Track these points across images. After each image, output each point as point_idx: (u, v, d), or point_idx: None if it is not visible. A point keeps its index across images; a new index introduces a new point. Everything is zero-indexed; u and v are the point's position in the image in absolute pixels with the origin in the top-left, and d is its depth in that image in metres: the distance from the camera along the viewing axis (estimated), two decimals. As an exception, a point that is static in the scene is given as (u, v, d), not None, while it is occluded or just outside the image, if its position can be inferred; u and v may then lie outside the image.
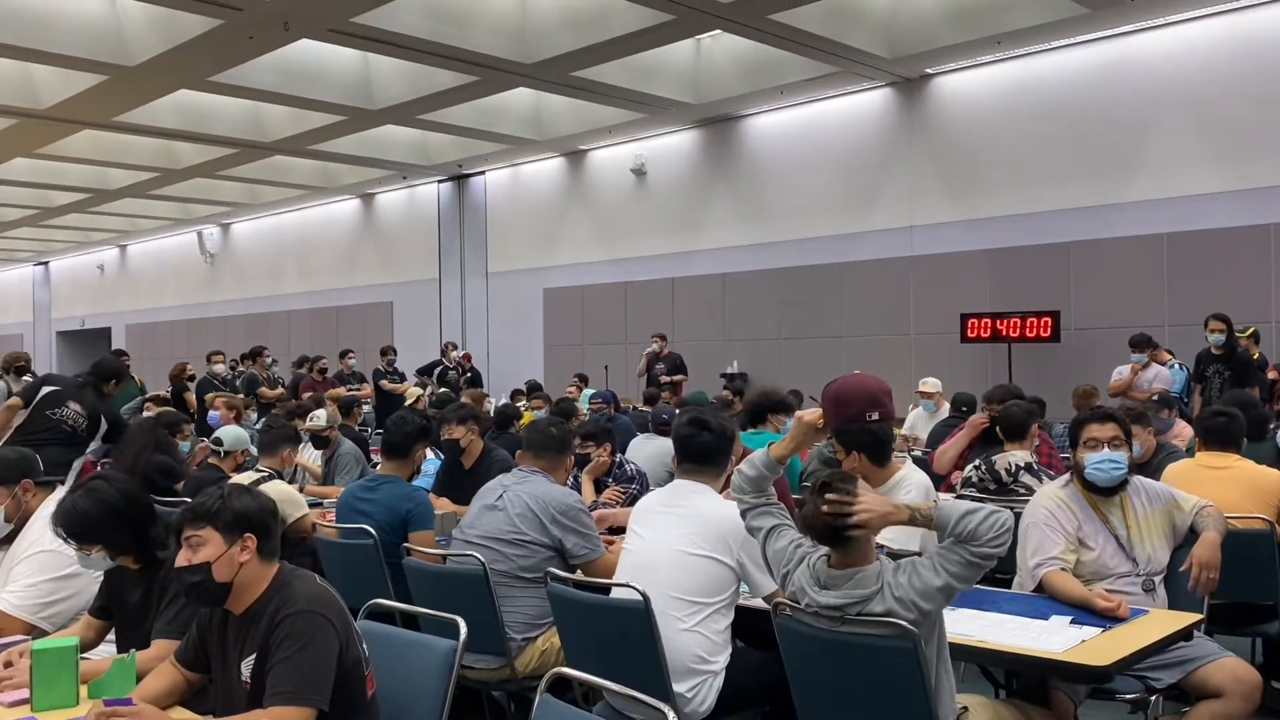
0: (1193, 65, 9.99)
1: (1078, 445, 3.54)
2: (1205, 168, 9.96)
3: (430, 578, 3.91)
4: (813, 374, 12.04)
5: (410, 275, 18.15)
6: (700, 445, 3.39)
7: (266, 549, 2.52)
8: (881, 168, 12.25)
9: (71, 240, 24.39)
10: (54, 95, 11.83)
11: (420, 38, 9.97)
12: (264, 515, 2.54)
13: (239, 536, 2.47)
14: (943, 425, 7.59)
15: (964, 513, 2.55)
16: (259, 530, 2.50)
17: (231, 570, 2.47)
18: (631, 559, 3.30)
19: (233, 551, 2.47)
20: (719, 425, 3.43)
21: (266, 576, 2.51)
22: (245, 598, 2.49)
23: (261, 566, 2.51)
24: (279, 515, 2.64)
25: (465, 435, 5.53)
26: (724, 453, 3.43)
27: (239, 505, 2.51)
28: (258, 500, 2.56)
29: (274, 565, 2.54)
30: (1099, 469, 3.46)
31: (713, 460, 3.40)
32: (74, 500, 2.93)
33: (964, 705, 2.77)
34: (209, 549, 2.47)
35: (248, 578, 2.49)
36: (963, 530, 2.53)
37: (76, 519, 2.89)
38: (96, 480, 3.03)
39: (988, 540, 2.51)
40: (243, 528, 2.48)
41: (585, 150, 15.37)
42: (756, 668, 3.21)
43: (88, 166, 15.90)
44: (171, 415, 7.45)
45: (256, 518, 2.51)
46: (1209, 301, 9.16)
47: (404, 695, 2.61)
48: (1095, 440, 3.49)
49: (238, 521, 2.49)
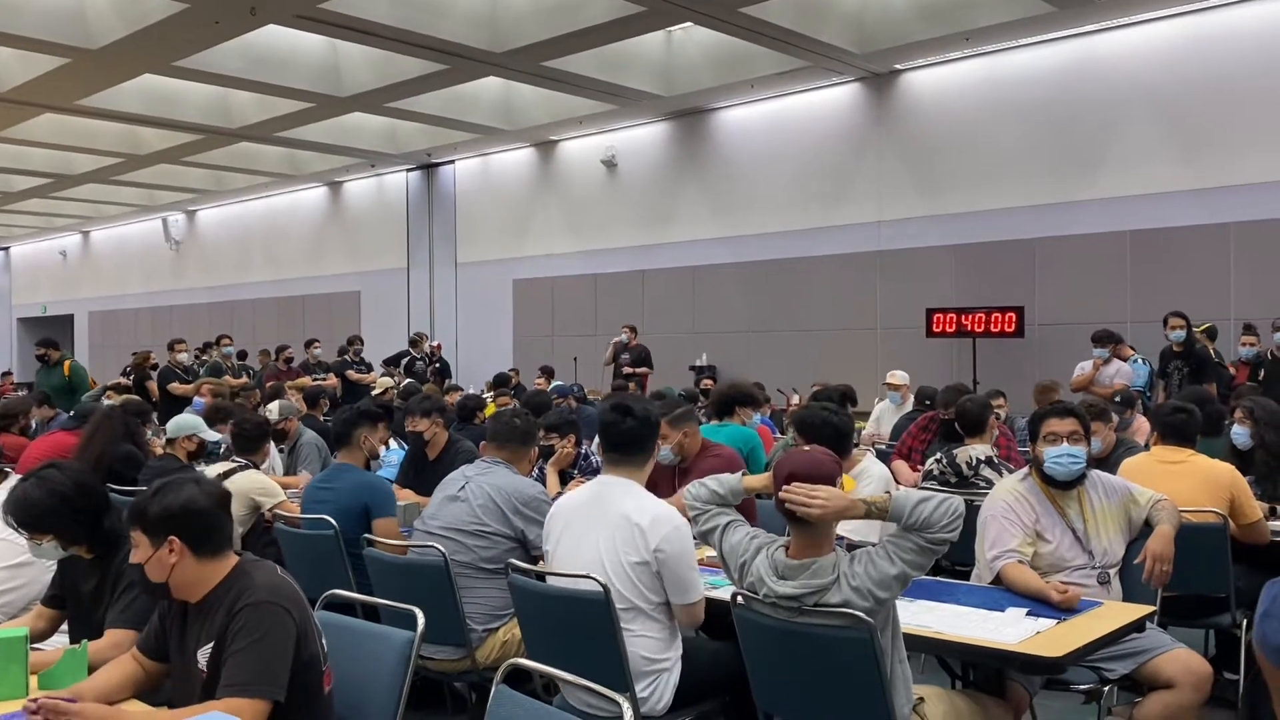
0: (1156, 65, 10.11)
1: (1037, 439, 3.58)
2: (1168, 166, 10.09)
3: (391, 569, 3.89)
4: (781, 367, 12.12)
5: (378, 265, 18.02)
6: (622, 432, 3.32)
7: (204, 547, 2.41)
8: (850, 163, 12.30)
9: (33, 225, 24.00)
10: (14, 78, 11.63)
11: (389, 25, 9.88)
12: (191, 514, 2.40)
13: (163, 539, 2.39)
14: (906, 418, 7.66)
15: (917, 501, 2.61)
16: (184, 530, 2.39)
17: (163, 572, 2.40)
18: (561, 566, 3.25)
19: (160, 554, 2.39)
20: (642, 412, 3.37)
21: (214, 571, 2.43)
22: (195, 591, 2.44)
23: (200, 564, 2.41)
24: (222, 506, 2.50)
25: (429, 428, 5.50)
26: (647, 439, 3.37)
27: (159, 508, 2.40)
28: (181, 498, 2.41)
29: (223, 560, 2.45)
30: (1057, 463, 3.51)
31: (637, 448, 3.34)
32: (25, 489, 2.86)
33: (920, 696, 2.80)
34: (139, 552, 2.42)
35: (184, 577, 2.41)
36: (917, 519, 2.59)
37: (26, 508, 2.82)
38: (49, 469, 2.94)
39: (941, 527, 2.58)
40: (166, 529, 2.39)
41: (556, 141, 15.32)
42: (714, 659, 3.22)
43: (50, 151, 15.65)
44: (138, 404, 7.36)
45: (180, 517, 2.39)
46: (1170, 298, 9.28)
47: (361, 687, 2.60)
48: (1054, 435, 3.53)
49: (160, 524, 2.39)
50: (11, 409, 7.40)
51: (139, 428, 5.96)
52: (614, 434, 3.34)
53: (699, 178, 13.79)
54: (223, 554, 2.46)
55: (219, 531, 2.46)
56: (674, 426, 4.44)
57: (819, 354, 12.31)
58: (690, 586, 3.10)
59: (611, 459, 3.36)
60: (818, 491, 2.63)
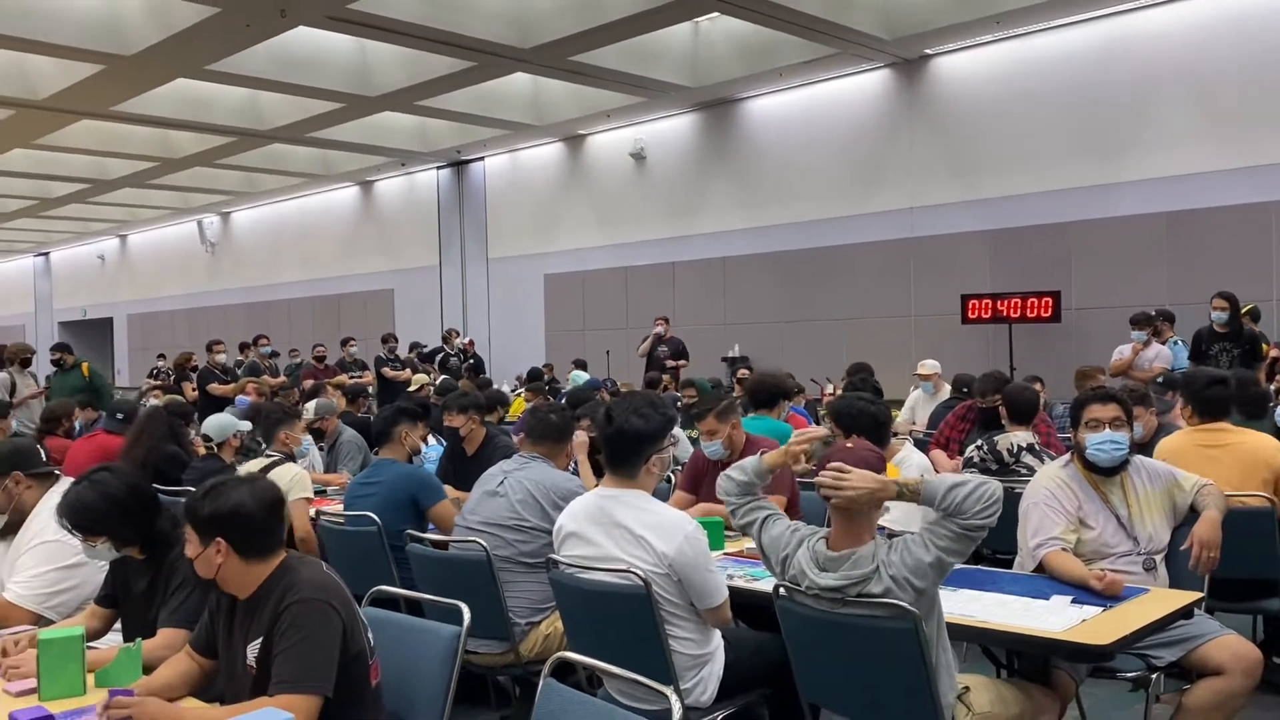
0: (1192, 42, 9.95)
1: (1079, 425, 3.54)
2: (1205, 146, 9.93)
3: (434, 564, 3.93)
4: (813, 357, 12.08)
5: (410, 262, 18.14)
6: (606, 439, 3.19)
7: (250, 550, 2.45)
8: (881, 149, 12.22)
9: (71, 230, 24.38)
10: (51, 85, 11.81)
11: (417, 23, 9.94)
12: (239, 517, 2.44)
13: (211, 539, 2.44)
14: (943, 406, 7.60)
15: (951, 486, 2.56)
16: (230, 533, 2.43)
17: (210, 569, 2.46)
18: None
19: (208, 553, 2.45)
20: (627, 424, 3.15)
21: (259, 571, 2.47)
22: (243, 587, 2.49)
23: (246, 566, 2.45)
24: (274, 510, 2.52)
25: (466, 424, 5.55)
26: (631, 455, 3.17)
27: (208, 509, 2.45)
28: (231, 501, 2.45)
29: (269, 560, 2.48)
30: (1100, 449, 3.46)
31: (619, 460, 3.19)
32: (78, 492, 2.92)
33: (965, 685, 2.78)
34: (190, 547, 2.49)
35: (229, 576, 2.46)
36: (951, 503, 2.54)
37: (80, 511, 2.88)
38: (101, 472, 3.00)
39: (976, 512, 2.52)
40: (213, 531, 2.44)
41: (584, 135, 15.34)
42: (757, 651, 3.22)
43: (86, 156, 15.88)
44: (181, 405, 7.46)
45: (227, 520, 2.43)
46: (1209, 280, 9.14)
47: (408, 681, 2.63)
48: (1096, 421, 3.49)
49: (208, 525, 2.45)
50: (55, 412, 7.52)
51: (183, 428, 6.04)
52: (601, 441, 3.27)
53: (728, 168, 13.75)
54: (271, 555, 2.50)
55: (268, 535, 2.50)
56: (721, 420, 4.40)
57: (852, 343, 12.25)
58: (712, 590, 3.04)
59: (606, 466, 3.28)
60: (849, 473, 2.61)
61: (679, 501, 4.44)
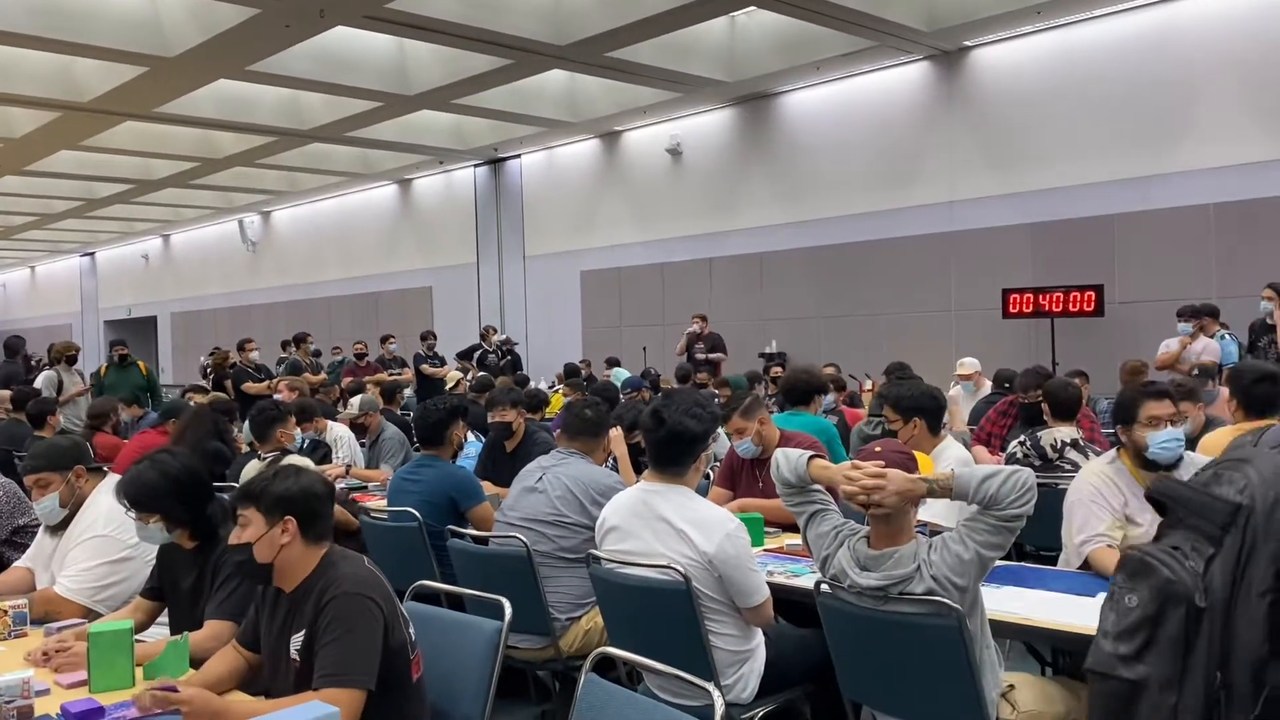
0: (1237, 31, 9.75)
1: (1134, 423, 3.45)
2: (1252, 136, 9.73)
3: (475, 559, 3.95)
4: (852, 353, 11.99)
5: (448, 260, 18.25)
6: (657, 441, 3.21)
7: (312, 532, 2.53)
8: (920, 142, 12.10)
9: (116, 231, 24.78)
10: (96, 88, 12.00)
11: (454, 22, 9.98)
12: (308, 498, 2.53)
13: (279, 519, 2.50)
14: (984, 402, 7.53)
15: (983, 478, 2.51)
16: (300, 513, 2.51)
17: (272, 552, 2.50)
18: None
19: (273, 534, 2.49)
20: (677, 424, 3.17)
21: (312, 558, 2.52)
22: (292, 577, 2.52)
23: (306, 548, 2.52)
24: (333, 497, 2.65)
25: (517, 419, 5.58)
26: (682, 455, 3.20)
27: (280, 489, 2.53)
28: (301, 483, 2.55)
29: (322, 547, 2.55)
30: (1164, 448, 3.38)
31: (668, 460, 3.21)
32: (139, 470, 3.02)
33: (1010, 684, 2.75)
34: (252, 529, 2.52)
35: (289, 559, 2.51)
36: (984, 495, 2.50)
37: (139, 487, 2.97)
38: (162, 453, 3.12)
39: (1011, 502, 2.48)
40: (283, 510, 2.50)
41: (620, 131, 15.34)
42: (799, 647, 3.21)
43: (130, 157, 16.13)
44: (225, 403, 7.57)
45: (299, 500, 2.51)
46: (1259, 273, 8.97)
47: (451, 676, 2.64)
48: (1156, 419, 3.41)
49: (278, 504, 2.51)
50: (101, 408, 7.66)
51: (226, 425, 6.12)
52: (649, 441, 3.27)
53: (765, 163, 13.69)
54: (324, 542, 2.56)
55: (327, 519, 2.58)
56: (747, 418, 4.40)
57: (891, 339, 12.16)
58: (753, 590, 3.04)
59: (651, 464, 3.29)
60: (872, 474, 2.58)
61: (716, 497, 4.43)
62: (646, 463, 5.14)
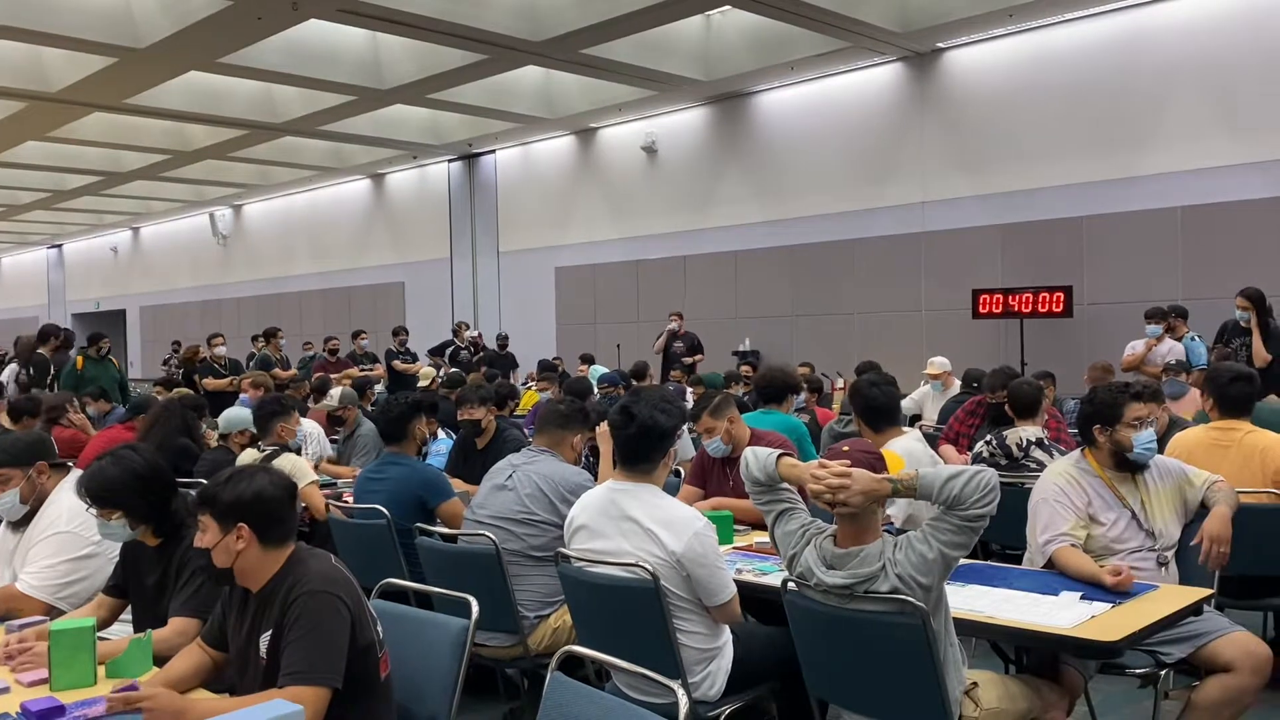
0: (1208, 36, 9.88)
1: (1118, 423, 3.48)
2: (1220, 140, 9.86)
3: (443, 557, 3.94)
4: (824, 351, 12.06)
5: (421, 255, 18.16)
6: (626, 439, 3.22)
7: (270, 536, 2.47)
8: (893, 143, 12.17)
9: (84, 223, 24.49)
10: (64, 78, 11.85)
11: (429, 16, 9.94)
12: (261, 503, 2.46)
13: (232, 526, 2.45)
14: (953, 401, 7.58)
15: (946, 478, 2.53)
16: (253, 519, 2.45)
17: (229, 558, 2.46)
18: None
19: (228, 540, 2.45)
20: (647, 418, 3.17)
21: (275, 560, 2.48)
22: (256, 579, 2.49)
23: (265, 553, 2.47)
24: (291, 498, 2.56)
25: (486, 416, 5.57)
26: (651, 450, 3.20)
27: (230, 495, 2.46)
28: (254, 487, 2.47)
29: (285, 548, 2.51)
30: (1148, 449, 3.45)
31: (639, 457, 3.20)
32: (101, 466, 2.97)
33: (973, 681, 2.78)
34: (208, 536, 2.48)
35: (248, 564, 2.47)
36: (948, 495, 2.52)
37: (102, 482, 2.92)
38: (125, 449, 3.07)
39: (974, 502, 2.50)
40: (236, 517, 2.45)
41: (596, 128, 15.32)
42: (766, 645, 3.22)
43: (99, 149, 15.95)
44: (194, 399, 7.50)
45: (251, 506, 2.45)
46: (1224, 275, 9.10)
47: (418, 674, 2.64)
48: (1139, 419, 3.47)
49: (230, 511, 2.45)
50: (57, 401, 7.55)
51: (195, 421, 6.07)
52: (617, 438, 3.26)
53: (740, 162, 13.72)
54: (285, 544, 2.52)
55: (285, 522, 2.52)
56: (715, 417, 4.41)
57: (863, 337, 12.23)
58: (719, 588, 3.05)
59: (619, 462, 3.28)
60: (838, 473, 2.60)
61: (687, 495, 4.44)
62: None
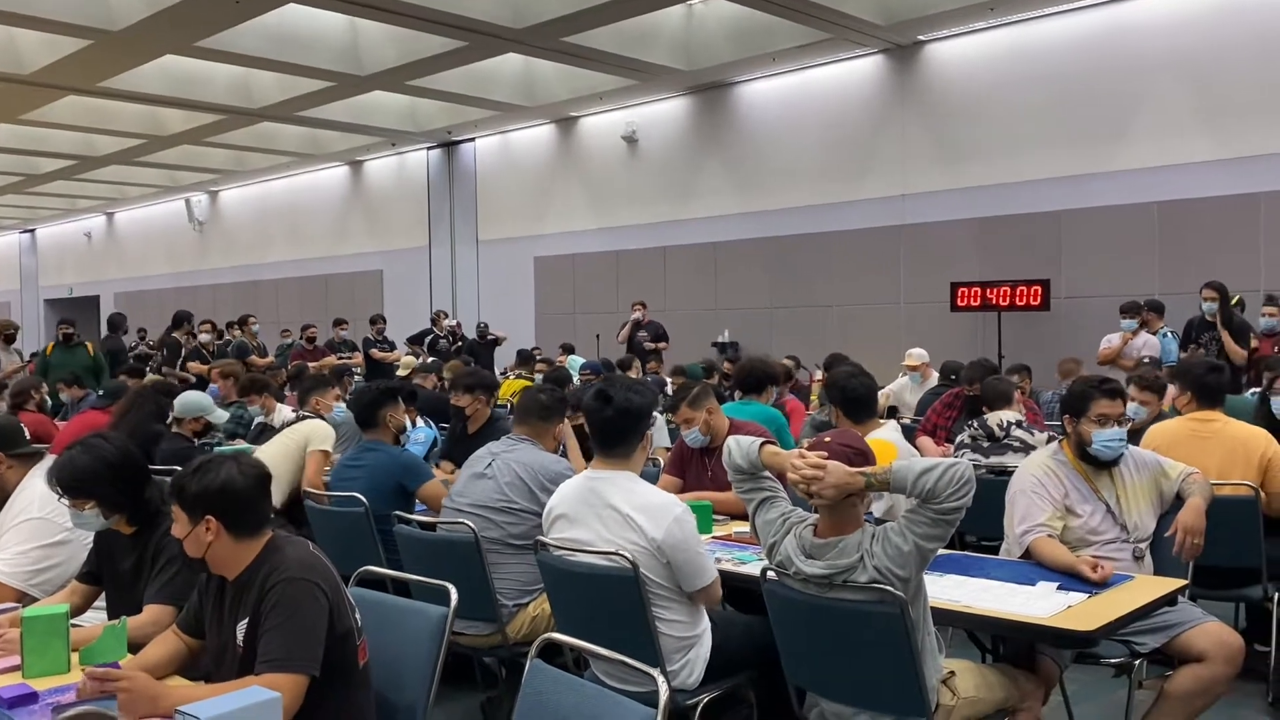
0: (1185, 32, 9.95)
1: (1082, 416, 3.50)
2: (1196, 136, 9.94)
3: (422, 545, 3.92)
4: (803, 343, 12.08)
5: (400, 243, 18.07)
6: (602, 421, 3.21)
7: (240, 527, 2.44)
8: (873, 136, 12.20)
9: (58, 208, 24.20)
10: (37, 60, 11.69)
11: (409, 2, 9.86)
12: (229, 494, 2.42)
13: (200, 517, 2.42)
14: (930, 394, 7.62)
15: (920, 471, 2.53)
16: (220, 511, 2.41)
17: (200, 549, 2.44)
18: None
19: (197, 532, 2.43)
20: (623, 401, 3.20)
21: (249, 549, 2.45)
22: (231, 568, 2.47)
23: (236, 543, 2.44)
24: (261, 487, 2.51)
25: (471, 404, 5.57)
26: (628, 431, 3.21)
27: (197, 486, 2.43)
28: (221, 478, 2.43)
29: (259, 537, 2.48)
30: (1108, 446, 3.46)
31: (617, 439, 3.22)
32: (72, 455, 2.91)
33: (951, 670, 2.79)
34: (178, 526, 2.46)
35: (220, 554, 2.44)
36: (922, 489, 2.53)
37: (73, 473, 2.87)
38: (95, 438, 3.00)
39: (949, 495, 2.50)
40: (203, 509, 2.41)
41: (576, 117, 15.27)
42: (745, 633, 3.23)
43: (73, 133, 15.75)
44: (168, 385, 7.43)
45: (217, 498, 2.41)
46: (1198, 270, 9.18)
47: (395, 662, 2.63)
48: (1106, 417, 3.48)
49: (197, 503, 2.42)
50: (24, 386, 7.49)
51: (169, 407, 6.01)
52: (595, 423, 3.26)
53: (720, 153, 13.72)
54: (259, 533, 2.49)
55: (255, 512, 2.48)
56: (694, 408, 4.42)
57: (842, 329, 12.27)
58: (700, 572, 3.06)
59: (597, 449, 3.28)
60: (812, 464, 2.60)
61: (666, 484, 4.44)
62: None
